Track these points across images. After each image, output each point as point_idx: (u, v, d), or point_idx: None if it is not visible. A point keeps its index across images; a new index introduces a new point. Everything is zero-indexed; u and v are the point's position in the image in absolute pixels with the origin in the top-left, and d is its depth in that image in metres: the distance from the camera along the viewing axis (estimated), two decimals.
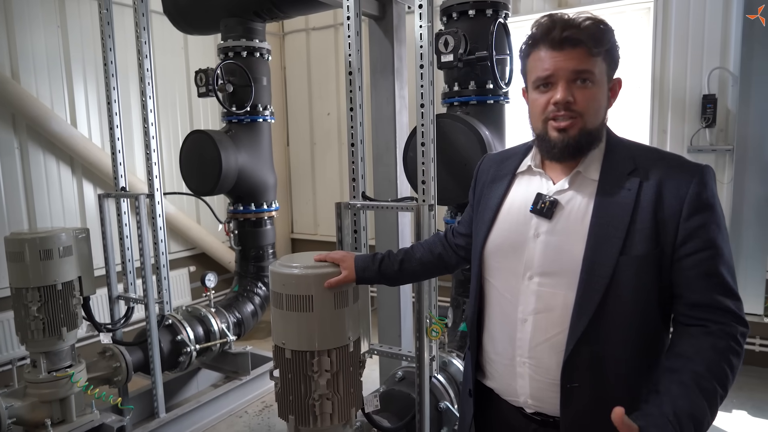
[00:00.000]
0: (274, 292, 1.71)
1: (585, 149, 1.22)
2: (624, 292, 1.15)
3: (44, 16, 4.05)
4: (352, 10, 2.36)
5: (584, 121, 1.19)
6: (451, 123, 2.63)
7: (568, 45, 1.16)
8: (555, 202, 1.23)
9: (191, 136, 3.65)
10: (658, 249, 1.15)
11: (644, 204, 1.16)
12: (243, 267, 4.04)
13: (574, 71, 1.17)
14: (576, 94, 1.18)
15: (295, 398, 1.71)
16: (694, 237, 1.13)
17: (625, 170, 1.20)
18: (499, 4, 2.69)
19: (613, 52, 1.21)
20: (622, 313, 1.16)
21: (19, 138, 3.96)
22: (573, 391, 1.19)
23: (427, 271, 1.71)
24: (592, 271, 1.16)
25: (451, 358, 2.71)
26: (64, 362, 2.86)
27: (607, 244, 1.15)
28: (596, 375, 1.18)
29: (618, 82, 1.24)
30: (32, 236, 2.69)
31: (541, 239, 1.23)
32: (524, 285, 1.25)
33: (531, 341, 1.24)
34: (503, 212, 1.33)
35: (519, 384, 1.27)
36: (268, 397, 3.83)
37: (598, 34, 1.17)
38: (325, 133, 5.95)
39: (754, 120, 3.63)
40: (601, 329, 1.16)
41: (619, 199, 1.17)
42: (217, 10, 3.59)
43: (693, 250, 1.13)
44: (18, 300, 2.72)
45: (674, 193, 1.15)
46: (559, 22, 1.19)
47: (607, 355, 1.18)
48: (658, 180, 1.17)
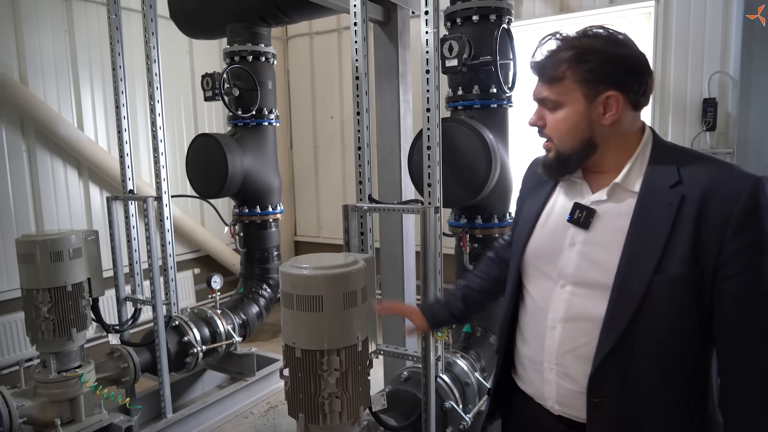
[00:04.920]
0: (285, 292, 1.74)
1: (567, 168, 1.26)
2: (657, 312, 1.11)
3: (52, 20, 4.10)
4: (359, 16, 2.40)
5: (555, 145, 1.25)
6: (455, 127, 2.66)
7: (533, 72, 1.25)
8: (592, 212, 1.21)
9: (198, 140, 3.70)
10: (697, 269, 1.08)
11: (685, 220, 1.09)
12: (248, 269, 4.08)
13: (538, 98, 1.25)
14: (546, 117, 1.24)
15: (305, 396, 1.74)
16: (737, 259, 1.06)
17: (668, 182, 1.13)
18: (502, 10, 2.73)
19: (592, 70, 1.15)
20: (655, 332, 1.12)
21: (27, 141, 4.01)
22: (600, 406, 1.17)
23: (491, 297, 1.71)
24: (624, 288, 1.13)
25: (456, 358, 2.75)
26: (74, 363, 2.90)
27: (642, 262, 1.11)
28: (625, 392, 1.16)
29: (611, 97, 1.16)
30: (43, 238, 2.73)
31: (577, 249, 1.22)
32: (556, 293, 1.25)
33: (558, 348, 1.24)
34: (542, 219, 1.34)
35: (546, 389, 1.28)
36: (274, 398, 3.86)
37: (550, 66, 1.19)
38: (328, 137, 6.00)
39: (754, 123, 3.66)
40: (631, 347, 1.13)
41: (658, 214, 1.12)
42: (223, 15, 3.64)
43: (734, 273, 1.06)
44: (29, 301, 2.75)
45: (718, 209, 1.07)
46: (536, 48, 1.24)
47: (636, 373, 1.14)
48: (702, 194, 1.09)
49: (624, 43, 1.17)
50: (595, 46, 1.16)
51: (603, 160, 1.24)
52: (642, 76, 1.17)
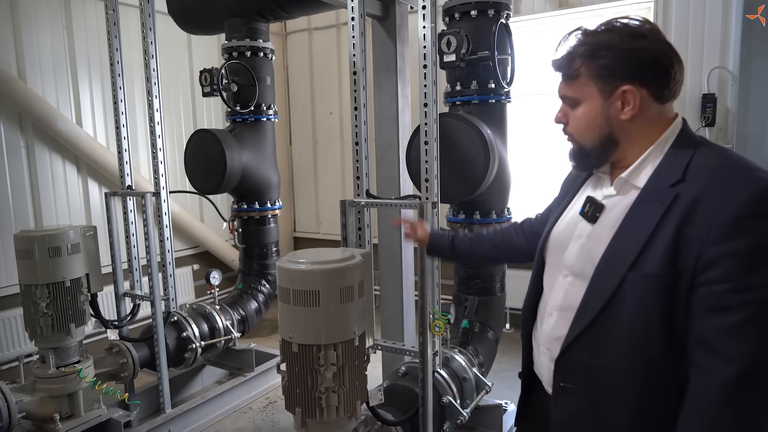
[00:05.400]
0: (282, 287, 1.74)
1: (592, 163, 1.27)
2: (626, 308, 1.12)
3: (50, 16, 4.09)
4: (356, 11, 2.40)
5: (576, 140, 1.27)
6: (453, 122, 2.66)
7: (555, 71, 1.27)
8: (600, 206, 1.23)
9: (196, 135, 3.69)
10: (674, 271, 1.06)
11: (672, 219, 1.07)
12: (247, 265, 4.08)
13: (560, 96, 1.28)
14: (569, 114, 1.27)
15: (302, 391, 1.75)
16: (716, 266, 1.01)
17: (670, 180, 1.11)
18: (500, 5, 2.72)
19: (606, 66, 1.16)
20: (621, 328, 1.13)
21: (25, 137, 4.01)
22: (565, 391, 1.22)
23: (495, 253, 1.76)
24: (599, 281, 1.16)
25: (454, 354, 2.75)
26: (72, 358, 2.90)
27: (619, 257, 1.13)
28: (589, 385, 1.19)
29: (628, 92, 1.15)
30: (41, 234, 2.74)
31: (581, 241, 1.26)
32: (559, 282, 1.30)
33: (550, 334, 1.30)
34: (567, 211, 1.38)
35: (542, 372, 1.36)
36: (272, 393, 3.87)
37: (566, 63, 1.22)
38: (327, 133, 5.99)
39: (753, 119, 3.66)
40: (598, 339, 1.16)
41: (649, 211, 1.11)
42: (221, 10, 3.63)
43: (710, 279, 1.02)
44: (27, 296, 2.76)
45: (708, 211, 1.03)
46: (558, 47, 1.25)
47: (601, 366, 1.16)
48: (697, 194, 1.06)
49: (643, 35, 1.14)
50: (609, 41, 1.16)
51: (626, 154, 1.22)
52: (664, 67, 1.15)
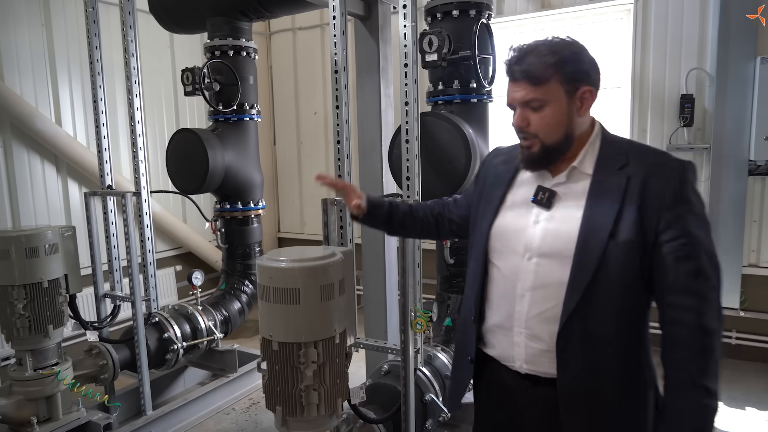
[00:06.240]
0: (261, 285, 1.74)
1: (552, 159, 1.40)
2: (612, 272, 1.31)
3: (29, 14, 4.03)
4: (337, 10, 2.40)
5: (541, 140, 1.38)
6: (435, 121, 2.67)
7: (518, 78, 1.37)
8: (553, 193, 1.40)
9: (178, 135, 3.66)
10: (641, 237, 1.30)
11: (631, 195, 1.31)
12: (230, 265, 4.06)
13: (522, 101, 1.37)
14: (530, 117, 1.37)
15: (283, 389, 1.74)
16: (673, 227, 1.28)
17: (616, 165, 1.36)
18: (482, 5, 2.74)
19: (573, 71, 1.34)
20: (609, 290, 1.32)
21: (2, 136, 3.94)
22: (567, 360, 1.36)
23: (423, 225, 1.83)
24: (584, 255, 1.32)
25: (437, 352, 2.76)
26: (51, 360, 2.86)
27: (599, 230, 1.31)
28: (587, 347, 1.35)
29: (587, 92, 1.36)
30: (18, 234, 2.69)
31: (541, 225, 1.40)
32: (523, 265, 1.41)
33: (527, 314, 1.41)
34: (508, 201, 1.51)
35: (516, 351, 1.45)
36: (255, 394, 3.84)
37: (539, 69, 1.33)
38: (311, 132, 5.98)
39: (729, 119, 3.73)
40: (591, 306, 1.32)
41: (609, 190, 1.33)
42: (203, 9, 3.61)
43: (671, 237, 1.28)
44: (3, 298, 2.71)
45: (657, 187, 1.30)
46: (513, 56, 1.38)
47: (596, 330, 1.34)
48: (644, 175, 1.32)
49: (585, 47, 1.39)
50: (572, 49, 1.36)
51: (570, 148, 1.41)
52: (600, 74, 1.40)
